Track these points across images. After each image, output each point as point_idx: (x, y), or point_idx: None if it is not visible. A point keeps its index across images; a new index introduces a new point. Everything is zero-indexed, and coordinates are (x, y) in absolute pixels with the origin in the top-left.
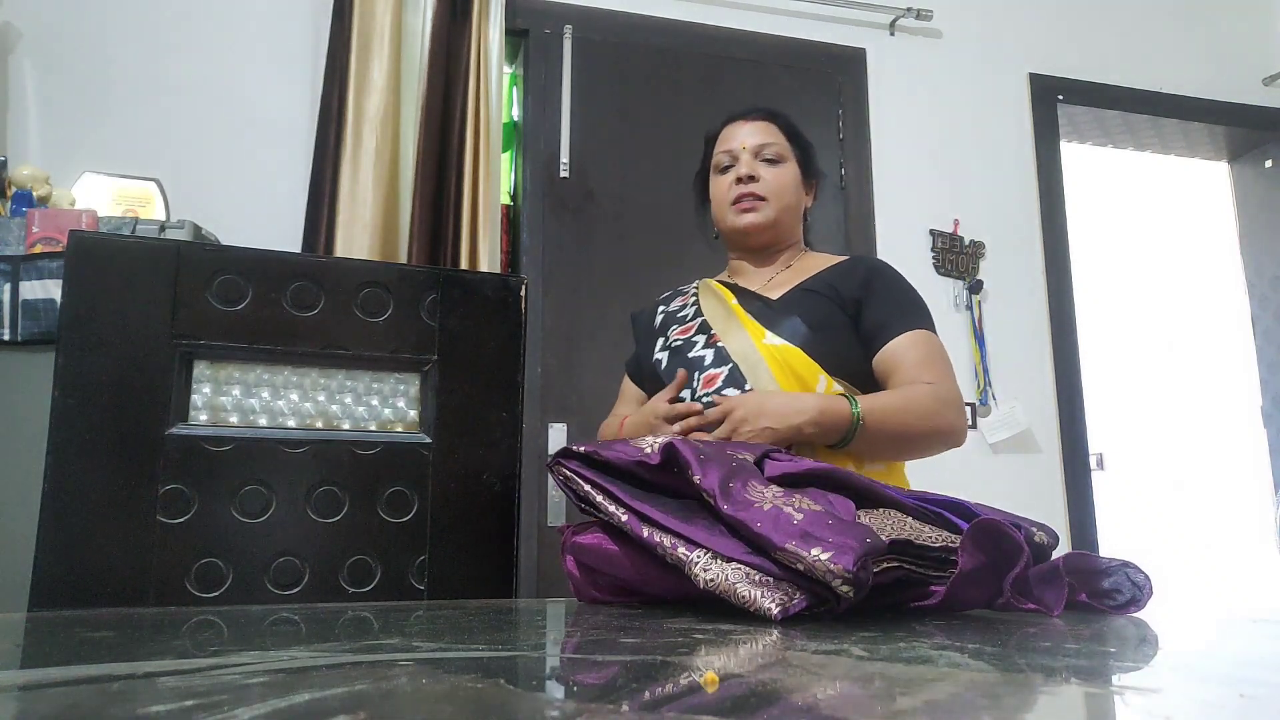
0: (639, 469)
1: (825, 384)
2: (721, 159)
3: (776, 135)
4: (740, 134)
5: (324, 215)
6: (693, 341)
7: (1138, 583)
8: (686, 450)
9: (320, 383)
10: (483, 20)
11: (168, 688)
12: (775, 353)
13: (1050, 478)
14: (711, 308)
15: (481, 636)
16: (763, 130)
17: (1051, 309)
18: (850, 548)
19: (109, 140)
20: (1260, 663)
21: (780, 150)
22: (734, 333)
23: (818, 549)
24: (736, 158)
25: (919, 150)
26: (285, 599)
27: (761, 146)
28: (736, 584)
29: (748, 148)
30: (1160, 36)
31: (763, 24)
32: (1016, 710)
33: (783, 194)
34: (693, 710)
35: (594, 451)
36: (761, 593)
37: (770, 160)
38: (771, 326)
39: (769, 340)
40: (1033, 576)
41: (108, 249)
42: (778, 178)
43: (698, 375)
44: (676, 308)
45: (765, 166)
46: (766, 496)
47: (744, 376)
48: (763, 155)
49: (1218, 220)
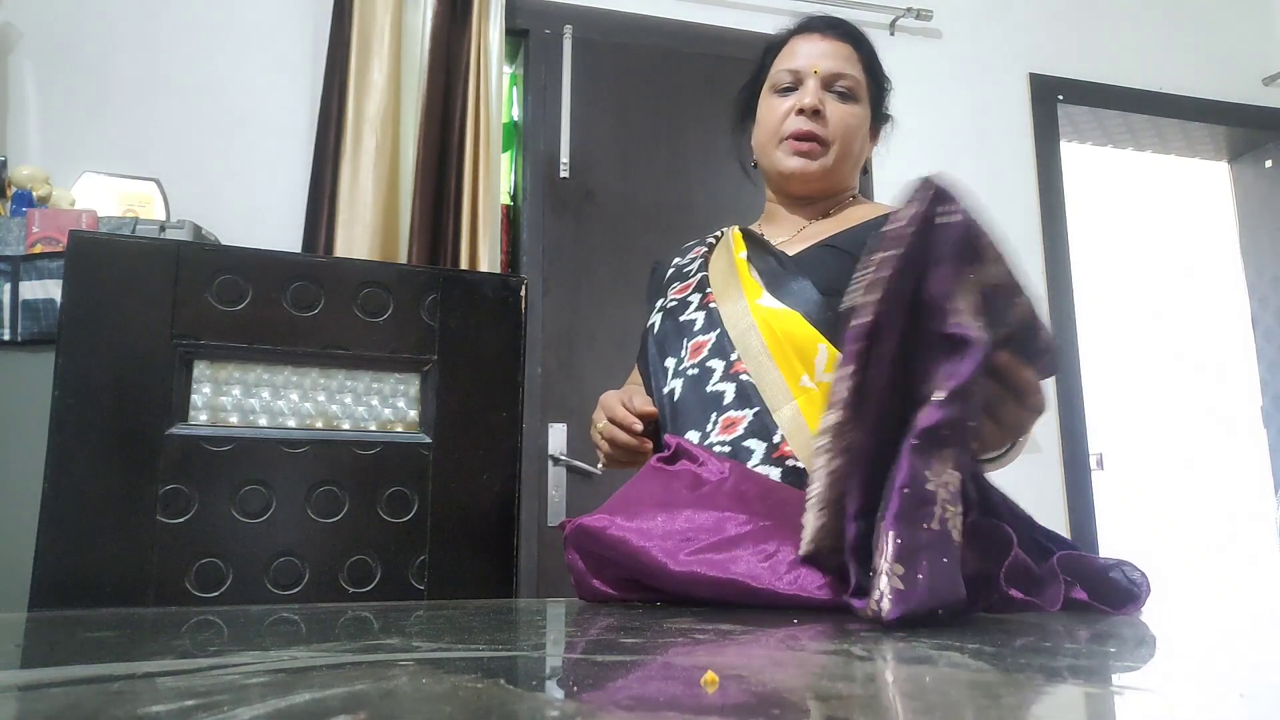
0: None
1: (827, 355)
2: (782, 77)
3: (855, 65)
4: (813, 52)
5: (324, 215)
6: (687, 302)
7: (1134, 580)
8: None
9: (320, 383)
10: (483, 20)
11: (168, 688)
12: (769, 317)
13: (1050, 478)
14: (718, 261)
15: (481, 636)
16: (840, 55)
17: (1051, 309)
18: (916, 599)
19: (109, 140)
20: (1260, 663)
21: (855, 85)
22: (730, 292)
23: (890, 578)
24: (802, 80)
25: (919, 150)
26: (285, 599)
27: (835, 76)
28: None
29: (819, 72)
30: (1160, 36)
31: (763, 24)
32: (1016, 710)
33: (849, 139)
34: (693, 710)
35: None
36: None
37: (842, 94)
38: (774, 288)
39: (763, 302)
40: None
41: (108, 249)
42: (846, 118)
43: (686, 342)
44: (688, 260)
45: (834, 100)
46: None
47: (732, 345)
48: (835, 87)
49: (1218, 220)
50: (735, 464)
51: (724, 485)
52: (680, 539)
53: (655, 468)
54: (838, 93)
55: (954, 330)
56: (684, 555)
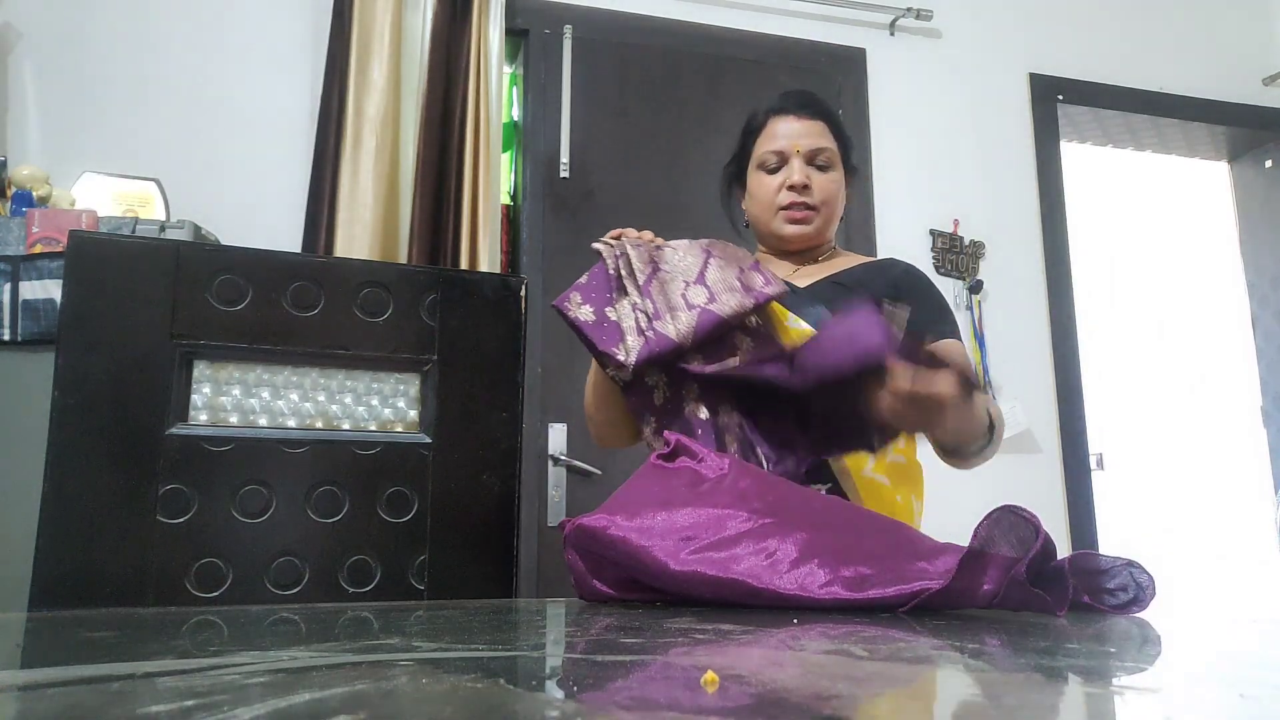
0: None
1: None
2: (769, 158)
3: (829, 138)
4: (792, 133)
5: (324, 215)
6: None
7: (1141, 583)
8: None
9: (320, 383)
10: (483, 20)
11: (168, 688)
12: (798, 338)
13: (1050, 478)
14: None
15: (481, 636)
16: (816, 132)
17: (1051, 309)
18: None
19: (109, 140)
20: (1260, 663)
21: (832, 155)
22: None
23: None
24: (787, 160)
25: (919, 150)
26: (285, 599)
27: (815, 152)
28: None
29: (801, 151)
30: (1160, 36)
31: (763, 24)
32: (1016, 710)
33: (833, 203)
34: (693, 710)
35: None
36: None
37: (822, 166)
38: (796, 310)
39: (791, 324)
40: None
41: (108, 249)
42: (829, 186)
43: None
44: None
45: (816, 173)
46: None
47: None
48: (816, 161)
49: (1218, 220)
50: (734, 460)
51: (723, 482)
52: (681, 538)
53: (655, 465)
54: (818, 166)
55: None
56: (685, 554)
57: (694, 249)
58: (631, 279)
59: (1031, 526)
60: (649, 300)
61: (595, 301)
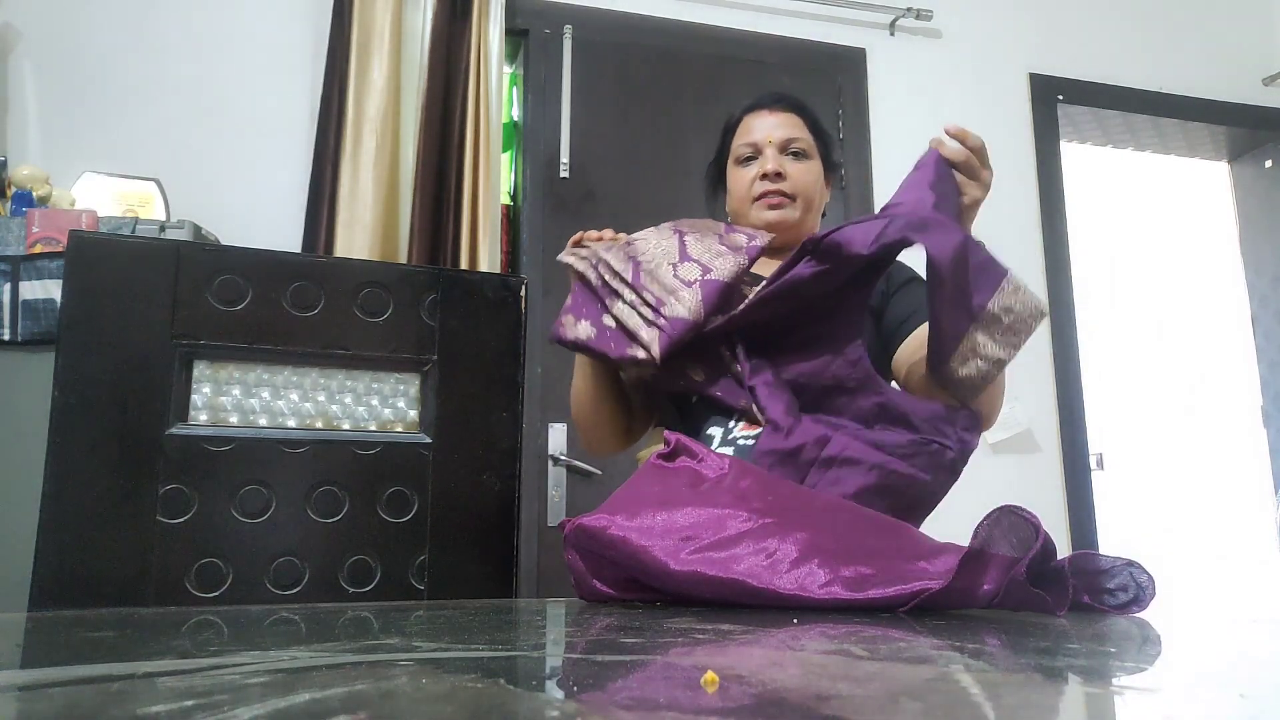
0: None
1: None
2: (743, 150)
3: (802, 129)
4: (765, 125)
5: (324, 215)
6: None
7: (1141, 583)
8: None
9: (320, 383)
10: (483, 20)
11: (168, 688)
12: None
13: (1050, 478)
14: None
15: (481, 636)
16: (789, 123)
17: (1052, 309)
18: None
19: (109, 140)
20: (1260, 663)
21: (806, 145)
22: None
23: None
24: (760, 151)
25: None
26: (285, 599)
27: (788, 141)
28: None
29: (774, 141)
30: (1160, 36)
31: (763, 24)
32: (1016, 710)
33: (809, 190)
34: (693, 710)
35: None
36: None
37: (796, 155)
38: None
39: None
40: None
41: (108, 249)
42: (804, 174)
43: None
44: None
45: (791, 162)
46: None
47: None
48: (789, 150)
49: (1218, 220)
50: (735, 460)
51: (723, 482)
52: (681, 538)
53: (655, 465)
54: (792, 154)
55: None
56: (685, 554)
57: (663, 232)
58: (619, 279)
59: (1031, 527)
60: (646, 292)
61: (589, 315)
